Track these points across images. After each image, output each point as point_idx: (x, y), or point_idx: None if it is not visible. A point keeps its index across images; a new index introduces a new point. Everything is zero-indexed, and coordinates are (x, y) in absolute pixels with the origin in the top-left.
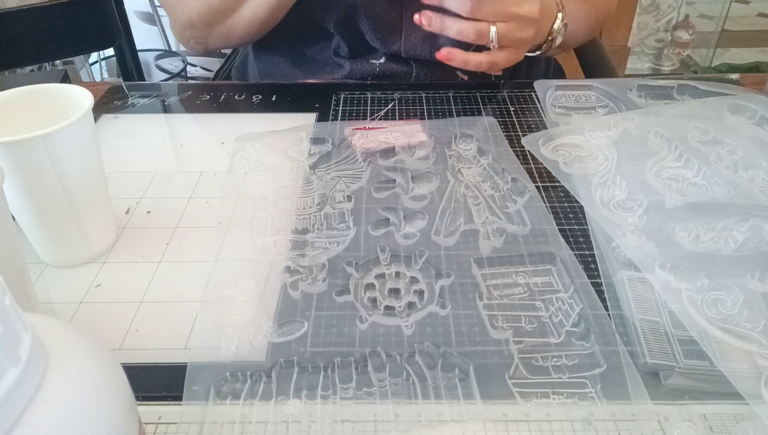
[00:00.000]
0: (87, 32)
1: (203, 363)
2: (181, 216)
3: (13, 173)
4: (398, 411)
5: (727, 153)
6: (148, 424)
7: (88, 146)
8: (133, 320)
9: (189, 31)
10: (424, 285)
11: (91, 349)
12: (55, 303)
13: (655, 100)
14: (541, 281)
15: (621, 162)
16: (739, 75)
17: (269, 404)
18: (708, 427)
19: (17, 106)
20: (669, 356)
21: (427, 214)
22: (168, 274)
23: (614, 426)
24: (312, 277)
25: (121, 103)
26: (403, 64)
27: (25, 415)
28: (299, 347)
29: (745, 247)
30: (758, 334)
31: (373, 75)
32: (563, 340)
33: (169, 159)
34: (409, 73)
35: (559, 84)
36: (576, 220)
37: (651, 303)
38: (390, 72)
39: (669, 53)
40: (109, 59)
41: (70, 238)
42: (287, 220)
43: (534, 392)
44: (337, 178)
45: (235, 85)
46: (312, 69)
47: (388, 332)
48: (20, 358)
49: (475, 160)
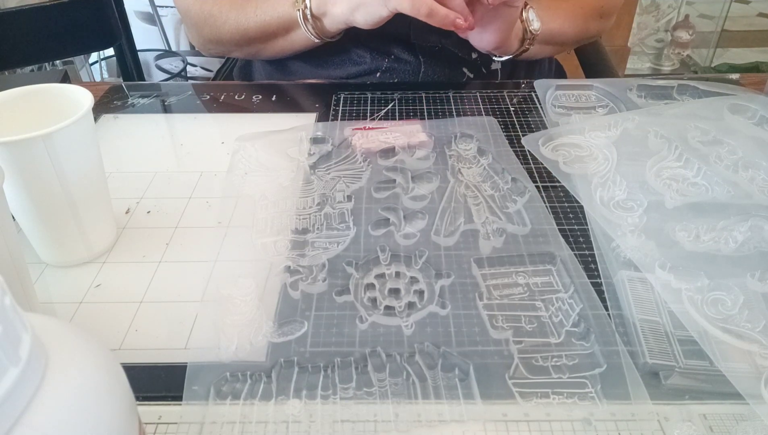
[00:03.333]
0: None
1: (203, 363)
2: (181, 216)
3: (13, 173)
4: (398, 411)
5: (727, 153)
6: (148, 424)
7: (88, 146)
8: (133, 320)
9: (214, 47)
10: (424, 285)
11: (91, 349)
12: (55, 303)
13: (655, 100)
14: (541, 281)
15: (621, 162)
16: (739, 75)
17: (269, 404)
18: (708, 427)
19: (17, 106)
20: (669, 356)
21: (427, 214)
22: (168, 274)
23: (614, 426)
24: (312, 277)
25: (121, 103)
26: (411, 59)
27: (25, 415)
28: (299, 347)
29: (745, 247)
30: (758, 334)
31: (382, 70)
32: (563, 340)
33: (169, 159)
34: (417, 67)
35: (559, 84)
36: (576, 220)
37: (651, 303)
38: (398, 65)
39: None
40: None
41: (70, 238)
42: (287, 220)
43: (534, 392)
44: (337, 178)
45: (235, 85)
46: (319, 63)
47: (388, 332)
48: (20, 358)
49: (475, 160)
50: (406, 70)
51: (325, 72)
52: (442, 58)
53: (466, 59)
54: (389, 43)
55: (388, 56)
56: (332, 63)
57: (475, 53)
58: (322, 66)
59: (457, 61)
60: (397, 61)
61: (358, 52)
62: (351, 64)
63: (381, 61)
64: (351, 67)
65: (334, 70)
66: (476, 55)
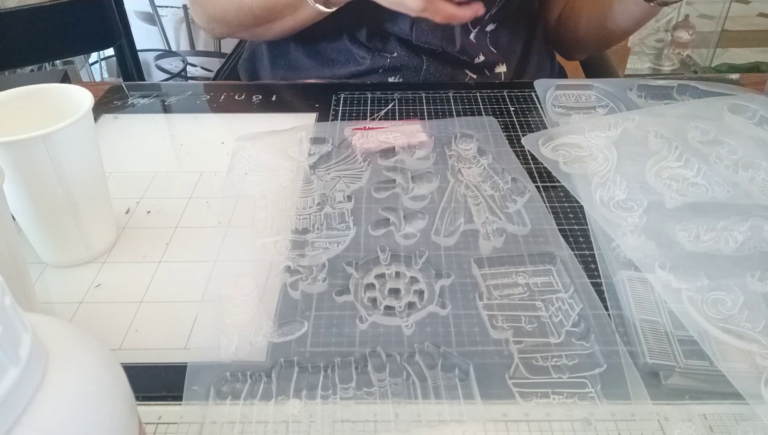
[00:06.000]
0: (87, 32)
1: (203, 363)
2: (181, 216)
3: (13, 173)
4: (398, 411)
5: (727, 153)
6: (148, 424)
7: (88, 146)
8: (133, 320)
9: (219, 26)
10: (424, 285)
11: (91, 349)
12: (55, 303)
13: (655, 100)
14: (541, 281)
15: (621, 162)
16: (739, 75)
17: (269, 404)
18: (708, 427)
19: (17, 106)
20: (669, 356)
21: (427, 214)
22: (168, 274)
23: (614, 426)
24: (312, 277)
25: (121, 103)
26: (414, 58)
27: (25, 415)
28: (299, 347)
29: (745, 247)
30: (758, 334)
31: (384, 68)
32: (563, 340)
33: (169, 159)
34: (420, 66)
35: (559, 84)
36: (576, 220)
37: (651, 303)
38: (401, 65)
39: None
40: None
41: (70, 238)
42: (287, 220)
43: (534, 392)
44: (337, 178)
45: (235, 85)
46: (325, 61)
47: (388, 332)
48: (20, 358)
49: (475, 160)
50: (409, 68)
51: (329, 71)
52: (445, 58)
53: (470, 63)
54: (392, 43)
55: (391, 55)
56: (337, 60)
57: (479, 57)
58: (328, 65)
59: (460, 62)
60: (401, 60)
61: (360, 52)
62: (354, 63)
63: (384, 60)
64: (354, 66)
65: (338, 69)
66: (480, 60)
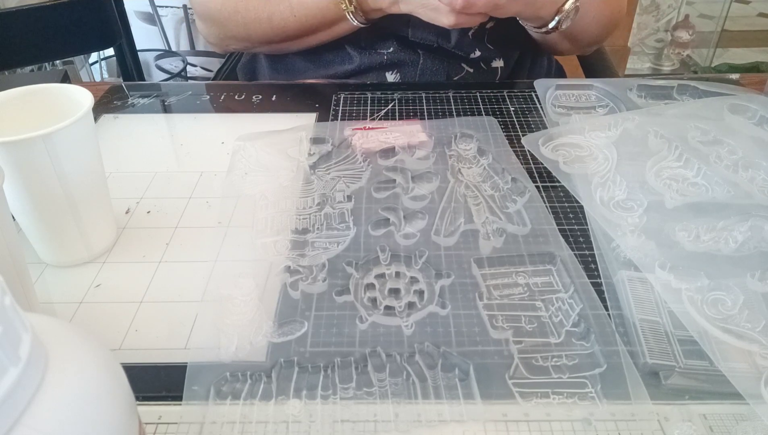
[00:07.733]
0: (87, 32)
1: (203, 363)
2: (181, 216)
3: (13, 173)
4: (398, 411)
5: (727, 153)
6: (148, 424)
7: (88, 146)
8: (133, 320)
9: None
10: (424, 285)
11: (91, 349)
12: (55, 303)
13: (655, 100)
14: (541, 281)
15: (621, 162)
16: (739, 75)
17: (269, 404)
18: (708, 427)
19: (17, 106)
20: (669, 356)
21: (427, 214)
22: (168, 274)
23: (614, 426)
24: (312, 277)
25: (121, 103)
26: (410, 53)
27: (25, 415)
28: (299, 347)
29: (745, 247)
30: (758, 334)
31: (381, 65)
32: (563, 340)
33: (169, 159)
34: (417, 61)
35: (559, 83)
36: (576, 220)
37: (651, 303)
38: (398, 61)
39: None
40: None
41: (70, 238)
42: (287, 220)
43: (534, 392)
44: (337, 178)
45: (235, 85)
46: (323, 61)
47: (388, 332)
48: (20, 358)
49: (475, 160)
50: (406, 64)
51: (324, 70)
52: (441, 53)
53: (465, 57)
54: (389, 40)
55: (388, 51)
56: (333, 60)
57: (475, 53)
58: (324, 64)
59: (457, 57)
60: (397, 56)
61: (357, 50)
62: (351, 61)
63: (381, 57)
64: (350, 64)
65: (335, 67)
66: (476, 55)
